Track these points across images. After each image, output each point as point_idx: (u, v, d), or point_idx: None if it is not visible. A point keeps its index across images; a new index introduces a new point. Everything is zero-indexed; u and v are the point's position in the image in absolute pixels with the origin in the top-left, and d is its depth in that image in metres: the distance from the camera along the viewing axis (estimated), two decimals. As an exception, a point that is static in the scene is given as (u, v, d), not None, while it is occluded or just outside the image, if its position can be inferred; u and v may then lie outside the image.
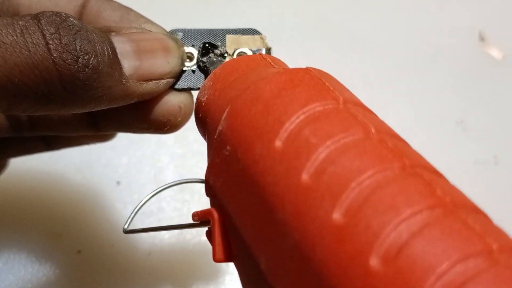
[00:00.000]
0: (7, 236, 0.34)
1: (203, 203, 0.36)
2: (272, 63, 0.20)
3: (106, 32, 0.19)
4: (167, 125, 0.22)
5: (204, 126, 0.20)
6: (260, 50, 0.23)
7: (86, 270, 0.34)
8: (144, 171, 0.37)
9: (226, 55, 0.22)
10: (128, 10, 0.23)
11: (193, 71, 0.22)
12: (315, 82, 0.17)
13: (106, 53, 0.18)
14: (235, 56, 0.22)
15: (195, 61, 0.22)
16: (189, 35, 0.22)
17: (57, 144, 0.27)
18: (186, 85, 0.22)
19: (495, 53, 0.46)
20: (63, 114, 0.23)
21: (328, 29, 0.46)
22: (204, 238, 0.21)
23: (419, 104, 0.43)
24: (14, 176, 0.35)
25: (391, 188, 0.13)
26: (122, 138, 0.38)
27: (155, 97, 0.21)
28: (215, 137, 0.18)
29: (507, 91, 0.44)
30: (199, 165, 0.38)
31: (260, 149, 0.15)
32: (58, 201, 0.36)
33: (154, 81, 0.20)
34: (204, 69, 0.22)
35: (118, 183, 0.37)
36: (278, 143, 0.15)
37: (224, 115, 0.17)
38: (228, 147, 0.17)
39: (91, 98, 0.18)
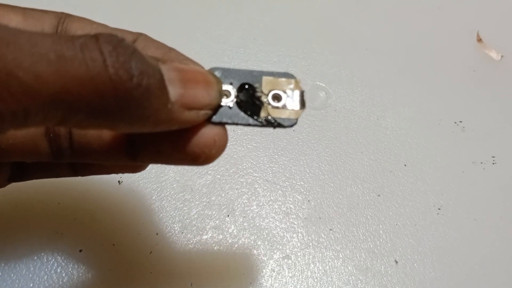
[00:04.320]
0: (9, 236, 0.35)
1: (204, 202, 0.37)
2: None
3: (155, 60, 0.20)
4: (201, 157, 0.22)
5: None
6: (294, 92, 0.24)
7: (88, 269, 0.34)
8: (145, 171, 0.37)
9: (261, 95, 0.23)
10: (170, 49, 0.24)
11: (230, 107, 0.23)
12: None
13: (156, 77, 0.19)
14: (269, 96, 0.23)
15: (232, 97, 0.23)
16: (227, 73, 0.23)
17: (85, 171, 0.28)
18: (222, 119, 0.23)
19: (493, 54, 0.46)
20: (106, 135, 0.24)
21: (329, 30, 0.46)
22: (205, 236, 0.21)
23: (418, 105, 0.43)
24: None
25: None
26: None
27: (193, 128, 0.22)
28: None
29: (505, 91, 0.44)
30: (199, 165, 0.38)
31: None
32: (59, 200, 0.36)
33: (195, 110, 0.21)
34: (241, 105, 0.23)
35: (119, 182, 0.37)
36: None
37: None
38: None
39: (139, 118, 0.19)
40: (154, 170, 0.38)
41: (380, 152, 0.40)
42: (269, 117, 0.23)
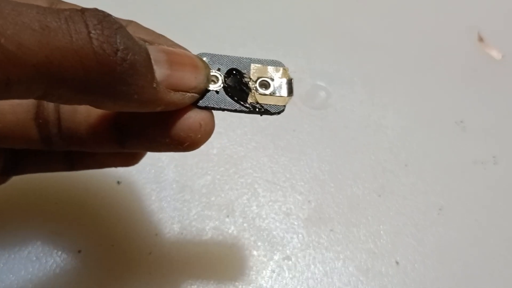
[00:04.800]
0: (8, 236, 0.34)
1: (203, 203, 0.36)
2: None
3: (142, 40, 0.20)
4: (187, 141, 0.22)
5: None
6: (282, 80, 0.24)
7: (87, 269, 0.34)
8: (144, 171, 0.37)
9: (249, 81, 0.23)
10: (160, 35, 0.24)
11: (217, 92, 0.23)
12: None
13: (142, 54, 0.19)
14: (257, 83, 0.23)
15: (219, 83, 0.23)
16: (215, 60, 0.23)
17: (80, 165, 0.28)
18: (208, 104, 0.23)
19: (494, 53, 0.46)
20: (94, 120, 0.24)
21: (328, 29, 0.46)
22: (205, 237, 0.21)
23: (418, 104, 0.43)
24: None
25: None
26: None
27: (179, 112, 0.22)
28: None
29: (506, 91, 0.44)
30: (199, 165, 0.38)
31: None
32: (58, 200, 0.36)
33: (180, 92, 0.21)
34: (228, 91, 0.23)
35: (118, 182, 0.37)
36: None
37: None
38: None
39: (123, 94, 0.19)
40: (153, 170, 0.37)
41: (380, 152, 0.40)
42: (256, 104, 0.23)
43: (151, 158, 0.38)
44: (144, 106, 0.20)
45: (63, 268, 0.34)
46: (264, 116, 0.24)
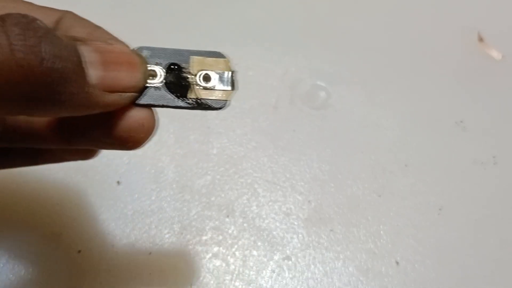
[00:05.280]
0: (8, 236, 0.34)
1: (203, 203, 0.36)
2: None
3: (73, 41, 0.19)
4: (129, 141, 0.22)
5: None
6: (223, 73, 0.23)
7: (87, 270, 0.34)
8: (144, 171, 0.37)
9: (189, 76, 0.23)
10: (97, 27, 0.23)
11: (157, 89, 0.22)
12: None
13: (72, 59, 0.18)
14: (199, 77, 0.22)
15: (159, 78, 0.22)
16: (154, 53, 0.22)
17: (42, 159, 0.27)
18: (148, 101, 0.22)
19: (494, 53, 0.46)
20: (27, 119, 0.24)
21: (328, 29, 0.46)
22: (205, 237, 0.21)
23: (418, 104, 0.43)
24: (13, 176, 0.35)
25: None
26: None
27: (118, 112, 0.21)
28: None
29: (506, 91, 0.44)
30: (199, 165, 0.38)
31: None
32: (58, 200, 0.36)
33: (117, 93, 0.20)
34: (169, 87, 0.22)
35: (118, 183, 0.37)
36: None
37: None
38: None
39: (54, 103, 0.18)
40: (153, 170, 0.37)
41: (380, 152, 0.40)
42: (198, 99, 0.22)
43: (151, 158, 0.38)
44: (78, 111, 0.20)
45: (63, 269, 0.34)
46: (264, 116, 0.23)
